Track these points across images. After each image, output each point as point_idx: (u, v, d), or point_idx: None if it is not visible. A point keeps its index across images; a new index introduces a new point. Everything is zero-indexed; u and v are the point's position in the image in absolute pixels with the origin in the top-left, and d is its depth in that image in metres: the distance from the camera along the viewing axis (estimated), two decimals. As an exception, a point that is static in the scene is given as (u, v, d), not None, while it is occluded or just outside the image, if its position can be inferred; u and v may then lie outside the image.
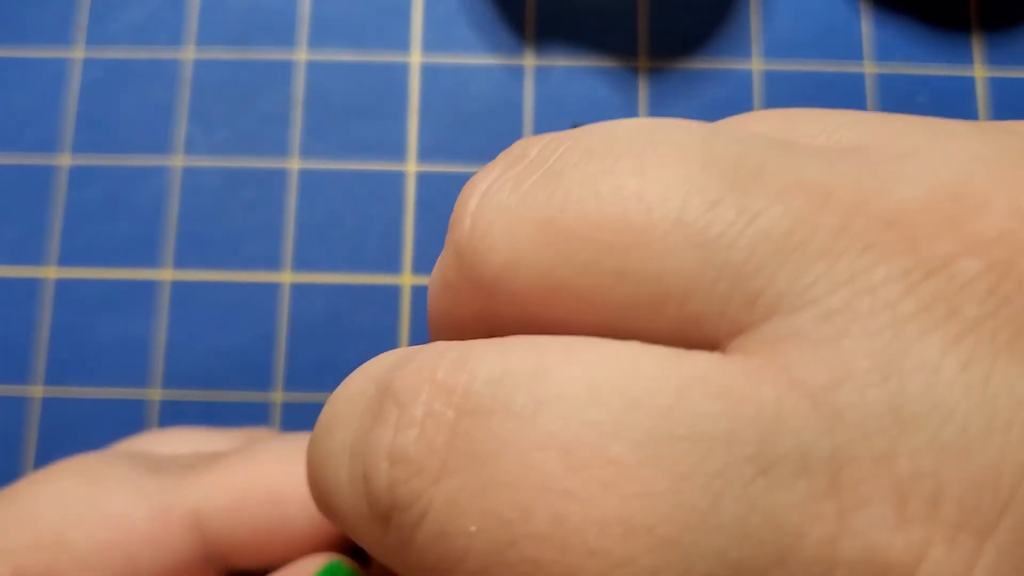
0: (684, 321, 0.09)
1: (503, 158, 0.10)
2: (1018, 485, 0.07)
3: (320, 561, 0.15)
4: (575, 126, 0.26)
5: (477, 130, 0.31)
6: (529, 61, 0.31)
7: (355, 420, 0.10)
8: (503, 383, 0.09)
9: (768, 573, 0.07)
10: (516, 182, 0.10)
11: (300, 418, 0.28)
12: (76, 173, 0.30)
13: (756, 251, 0.08)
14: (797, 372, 0.08)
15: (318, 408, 0.28)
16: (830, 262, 0.08)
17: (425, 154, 0.31)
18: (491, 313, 0.10)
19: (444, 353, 0.09)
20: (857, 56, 0.31)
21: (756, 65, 0.31)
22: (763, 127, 0.10)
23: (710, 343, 0.09)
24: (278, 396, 0.28)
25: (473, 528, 0.08)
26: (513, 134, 0.31)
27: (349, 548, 0.16)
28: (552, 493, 0.08)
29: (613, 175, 0.09)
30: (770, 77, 0.31)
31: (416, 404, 0.09)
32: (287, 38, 0.32)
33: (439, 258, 0.11)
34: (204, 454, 0.17)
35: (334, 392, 0.11)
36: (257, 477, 0.16)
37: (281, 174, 0.30)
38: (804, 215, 0.08)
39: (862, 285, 0.08)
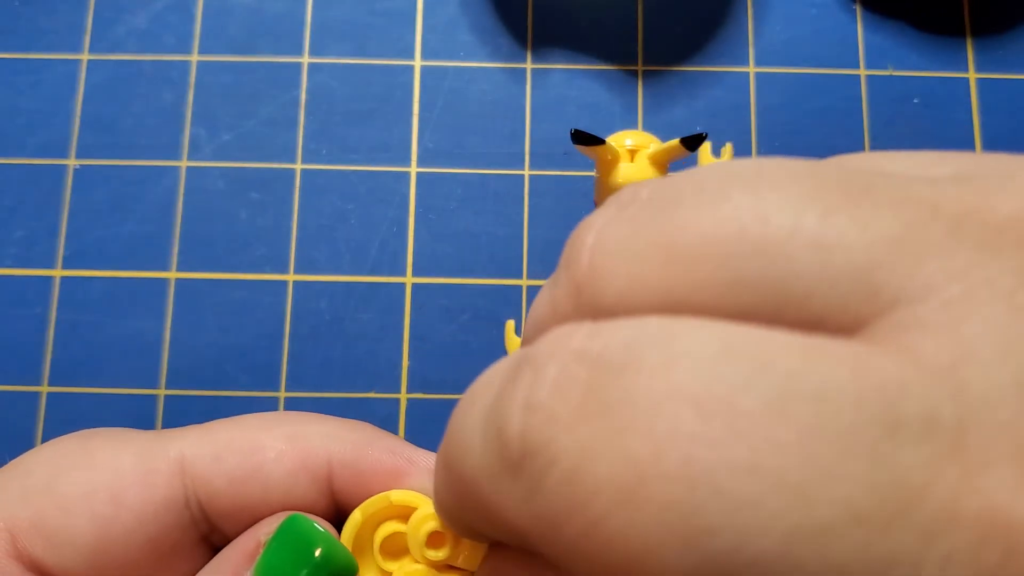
0: (808, 318, 0.09)
1: (614, 202, 0.11)
2: None
3: (282, 515, 0.16)
4: (574, 131, 0.26)
5: (478, 132, 0.31)
6: (529, 65, 0.32)
7: (493, 390, 0.10)
8: (635, 344, 0.09)
9: (890, 524, 0.08)
10: (632, 217, 0.10)
11: (304, 415, 0.29)
12: (84, 175, 0.31)
13: (873, 250, 0.09)
14: (920, 353, 0.08)
15: (322, 405, 0.29)
16: (945, 257, 0.09)
17: (427, 156, 0.31)
18: None
19: (577, 327, 0.10)
20: (852, 59, 0.32)
21: (752, 68, 0.32)
22: (854, 162, 0.11)
23: (837, 334, 0.09)
24: (283, 394, 0.29)
25: (604, 470, 0.08)
26: (514, 136, 0.31)
27: (315, 506, 0.17)
28: (683, 437, 0.08)
29: (729, 199, 0.10)
30: (767, 79, 0.32)
31: (550, 365, 0.09)
32: (291, 43, 0.32)
33: (546, 292, 0.11)
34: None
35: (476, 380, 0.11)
36: (241, 433, 0.17)
37: (285, 176, 0.31)
38: (915, 221, 0.09)
39: (978, 277, 0.08)
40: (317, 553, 0.15)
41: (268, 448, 0.17)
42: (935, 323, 0.08)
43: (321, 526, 0.16)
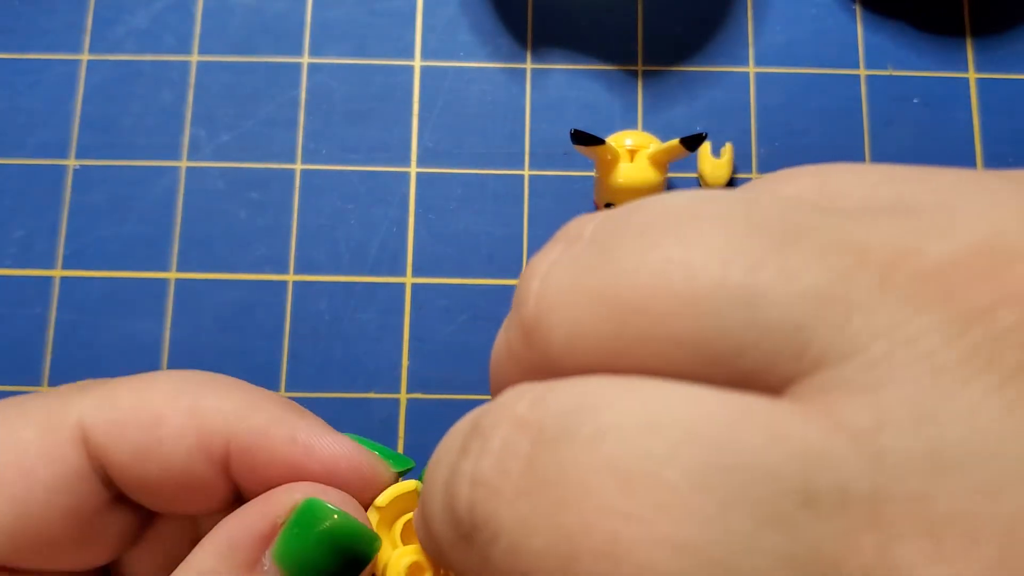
0: (739, 375, 0.09)
1: (561, 238, 0.11)
2: None
3: (297, 497, 0.16)
4: (574, 131, 0.26)
5: (478, 132, 0.31)
6: (529, 65, 0.32)
7: (451, 456, 0.11)
8: (571, 415, 0.09)
9: None
10: (572, 262, 0.10)
11: (304, 416, 0.29)
12: (83, 175, 0.31)
13: (798, 307, 0.09)
14: (841, 416, 0.08)
15: (321, 404, 0.29)
16: (869, 314, 0.08)
17: (427, 156, 0.31)
18: (559, 376, 0.10)
19: (524, 393, 0.10)
20: (852, 59, 0.32)
21: (752, 68, 0.32)
22: (799, 186, 0.11)
23: (767, 392, 0.09)
24: (282, 393, 0.29)
25: (540, 545, 0.09)
26: (514, 136, 0.31)
27: (221, 488, 0.17)
28: (610, 513, 0.08)
29: (660, 247, 0.10)
30: (766, 80, 0.32)
31: (495, 436, 0.10)
32: (291, 43, 0.32)
33: (503, 333, 0.12)
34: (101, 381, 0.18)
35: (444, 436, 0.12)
36: (143, 401, 0.16)
37: (285, 176, 0.31)
38: (842, 271, 0.09)
39: (901, 336, 0.08)
40: (330, 527, 0.15)
41: (169, 423, 0.16)
42: (857, 385, 0.08)
43: (338, 502, 0.15)
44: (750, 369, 0.09)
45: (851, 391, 0.08)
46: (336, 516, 0.15)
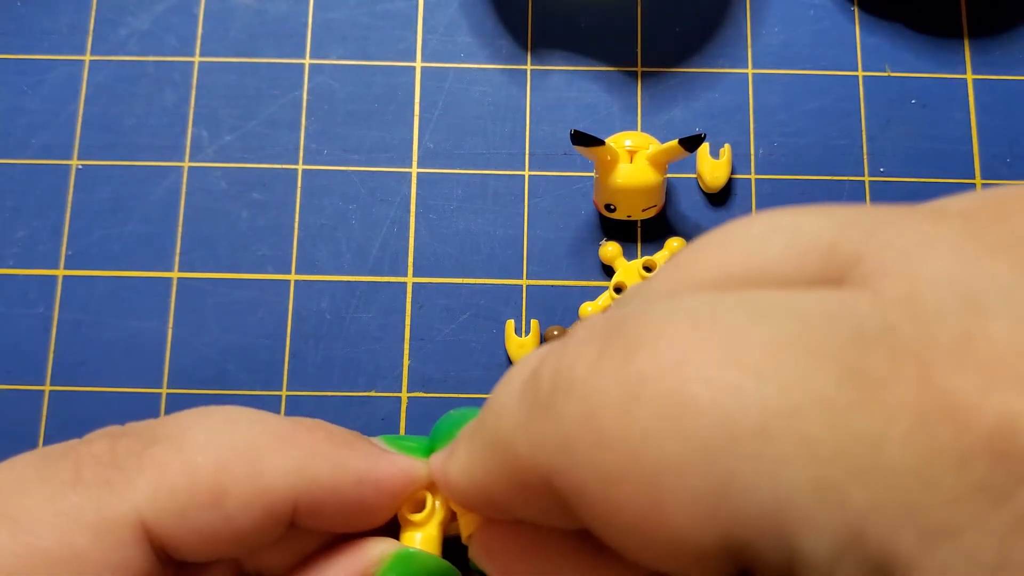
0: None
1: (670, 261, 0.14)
2: None
3: (385, 547, 0.16)
4: (574, 132, 0.26)
5: (478, 133, 0.31)
6: (529, 66, 0.32)
7: (531, 366, 0.12)
8: (648, 303, 0.11)
9: (855, 407, 0.09)
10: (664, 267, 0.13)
11: (305, 414, 0.29)
12: (86, 175, 0.31)
13: (833, 228, 0.11)
14: (882, 288, 0.10)
15: (323, 403, 0.29)
16: (900, 224, 0.10)
17: (427, 156, 0.31)
18: None
19: (603, 313, 0.13)
20: (850, 60, 0.32)
21: (751, 69, 0.32)
22: None
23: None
24: (284, 392, 0.29)
25: (610, 379, 0.10)
26: (514, 137, 0.31)
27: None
28: (679, 344, 0.10)
29: (747, 221, 0.13)
30: (765, 81, 0.32)
31: (582, 329, 0.12)
32: (293, 44, 0.32)
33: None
34: (125, 431, 0.16)
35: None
36: (200, 477, 0.15)
37: (287, 176, 0.31)
38: (871, 208, 0.11)
39: (924, 236, 0.10)
40: (426, 570, 0.16)
41: (232, 496, 0.15)
42: (893, 268, 0.10)
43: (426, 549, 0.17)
44: (811, 281, 0.11)
45: (888, 273, 0.10)
46: (429, 561, 0.16)
